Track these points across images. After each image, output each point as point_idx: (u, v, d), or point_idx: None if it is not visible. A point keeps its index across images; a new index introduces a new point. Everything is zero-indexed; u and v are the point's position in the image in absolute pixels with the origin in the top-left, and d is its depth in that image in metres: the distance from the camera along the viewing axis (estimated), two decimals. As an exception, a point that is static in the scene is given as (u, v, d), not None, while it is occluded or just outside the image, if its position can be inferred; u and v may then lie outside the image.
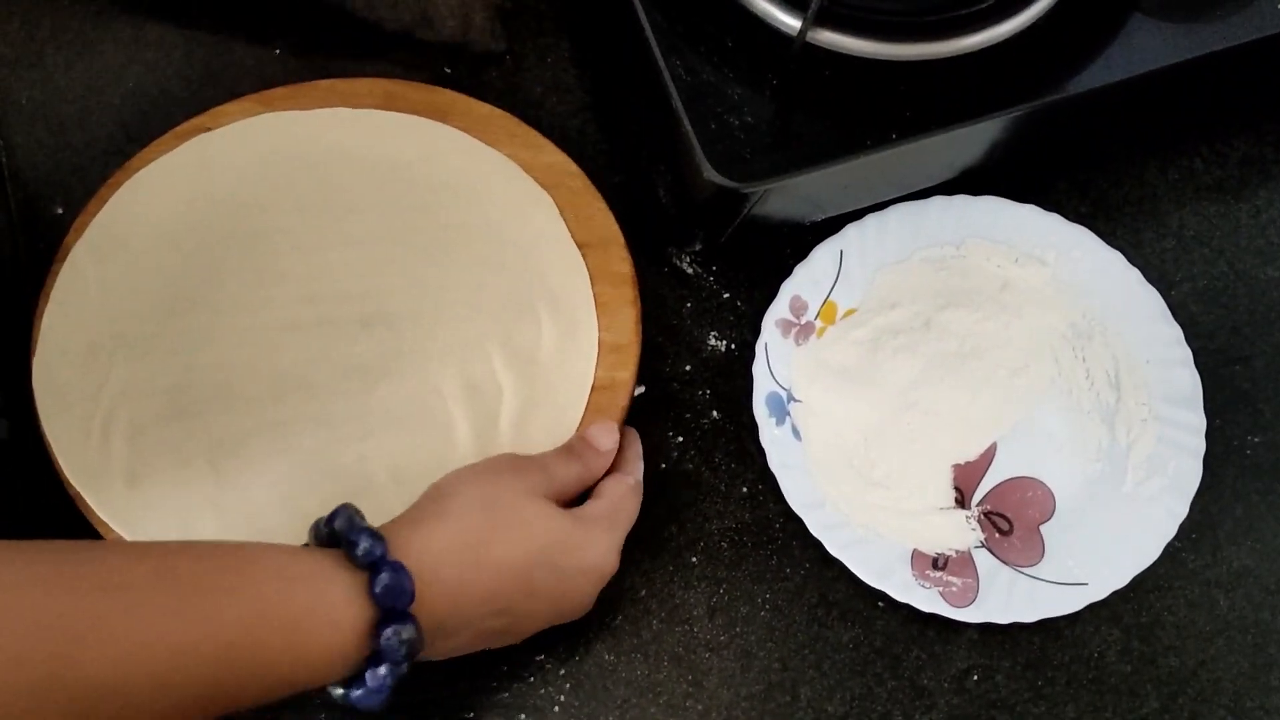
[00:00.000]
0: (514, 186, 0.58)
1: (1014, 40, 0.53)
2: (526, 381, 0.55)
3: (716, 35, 0.53)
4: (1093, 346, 0.58)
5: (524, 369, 0.55)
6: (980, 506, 0.56)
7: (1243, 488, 0.58)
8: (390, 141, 0.59)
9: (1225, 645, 0.56)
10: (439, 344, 0.55)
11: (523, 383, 0.55)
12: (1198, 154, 0.64)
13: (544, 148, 0.59)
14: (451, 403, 0.54)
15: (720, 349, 0.59)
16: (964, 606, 0.53)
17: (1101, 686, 0.55)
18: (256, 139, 0.58)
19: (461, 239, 0.57)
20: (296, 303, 0.56)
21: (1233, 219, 0.63)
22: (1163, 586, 0.57)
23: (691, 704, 0.53)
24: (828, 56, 0.52)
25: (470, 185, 0.58)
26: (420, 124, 0.59)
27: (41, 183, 0.59)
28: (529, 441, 0.54)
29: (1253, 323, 0.61)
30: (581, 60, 0.63)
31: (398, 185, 0.58)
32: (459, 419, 0.54)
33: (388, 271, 0.57)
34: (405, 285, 0.56)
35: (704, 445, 0.58)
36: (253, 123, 0.59)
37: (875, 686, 0.54)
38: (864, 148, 0.52)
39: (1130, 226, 0.63)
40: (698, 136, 0.51)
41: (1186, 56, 0.55)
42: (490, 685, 0.53)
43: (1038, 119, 0.56)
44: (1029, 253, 0.60)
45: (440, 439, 0.54)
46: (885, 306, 0.59)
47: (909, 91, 0.53)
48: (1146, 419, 0.57)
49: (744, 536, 0.56)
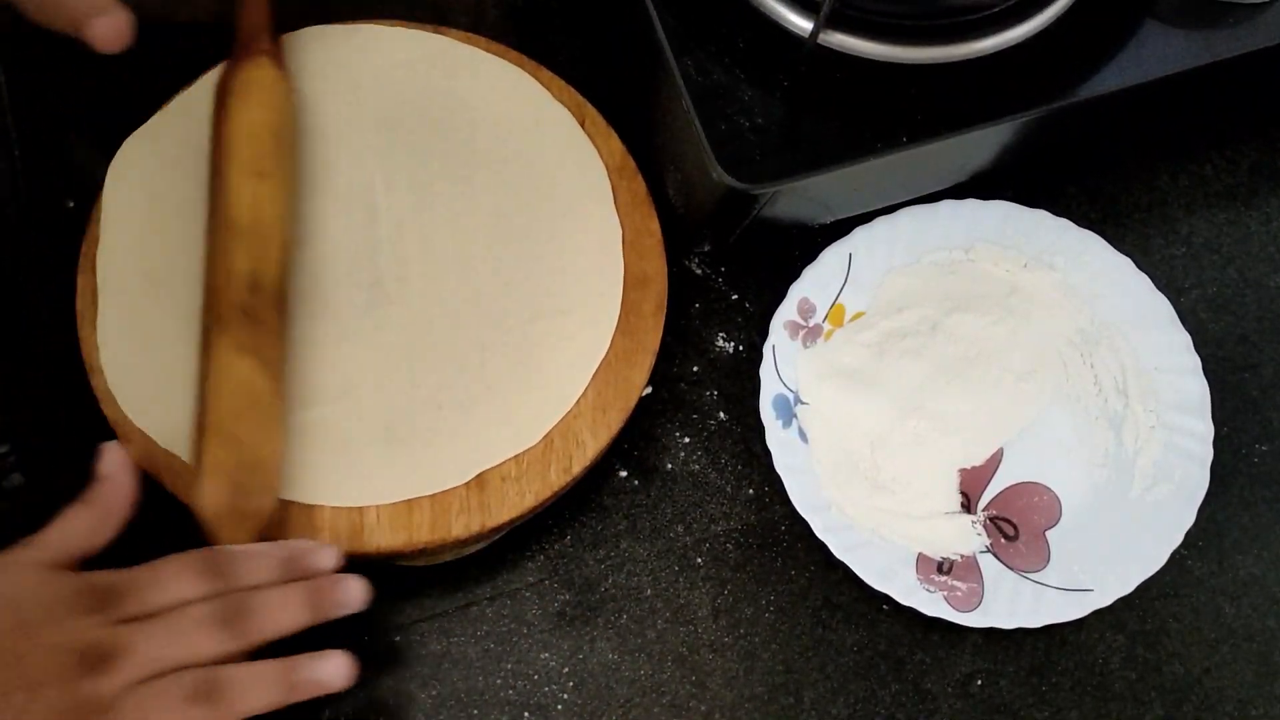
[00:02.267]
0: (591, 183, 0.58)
1: (1026, 44, 0.53)
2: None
3: (728, 36, 0.53)
4: (1101, 352, 0.58)
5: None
6: (986, 511, 0.56)
7: (1250, 496, 0.58)
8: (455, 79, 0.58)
9: (1230, 653, 0.56)
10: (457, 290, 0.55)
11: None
12: (1208, 161, 0.64)
13: (612, 135, 0.59)
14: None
15: (728, 350, 0.59)
16: (968, 611, 0.53)
17: (1106, 693, 0.55)
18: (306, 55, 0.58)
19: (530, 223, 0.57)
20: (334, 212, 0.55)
21: (1243, 226, 0.63)
22: (1168, 594, 0.57)
23: (695, 704, 0.53)
24: (839, 59, 0.52)
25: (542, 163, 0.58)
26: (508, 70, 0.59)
27: (52, 174, 0.59)
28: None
29: (1261, 330, 0.61)
30: (592, 58, 0.63)
31: (459, 126, 0.58)
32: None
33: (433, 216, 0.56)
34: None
35: (711, 446, 0.58)
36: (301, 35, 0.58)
37: (879, 690, 0.54)
38: (874, 150, 0.52)
39: (1140, 233, 0.62)
40: (708, 137, 0.51)
41: (1199, 63, 0.55)
42: (494, 683, 0.53)
43: (1048, 124, 0.56)
44: (1038, 258, 0.59)
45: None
46: (893, 310, 0.59)
47: (920, 95, 0.53)
48: (1154, 426, 0.57)
49: (749, 538, 0.56)
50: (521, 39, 0.63)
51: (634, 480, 0.57)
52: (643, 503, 0.56)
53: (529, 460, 0.52)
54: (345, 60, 0.58)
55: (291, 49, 0.58)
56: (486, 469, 0.52)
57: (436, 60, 0.59)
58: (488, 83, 0.59)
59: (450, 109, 0.58)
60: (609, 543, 0.56)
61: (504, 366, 0.54)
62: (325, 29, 0.59)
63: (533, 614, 0.54)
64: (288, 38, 0.58)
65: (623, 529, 0.56)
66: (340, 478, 0.51)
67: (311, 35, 0.59)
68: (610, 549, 0.56)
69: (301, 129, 0.57)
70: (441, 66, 0.59)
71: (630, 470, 0.57)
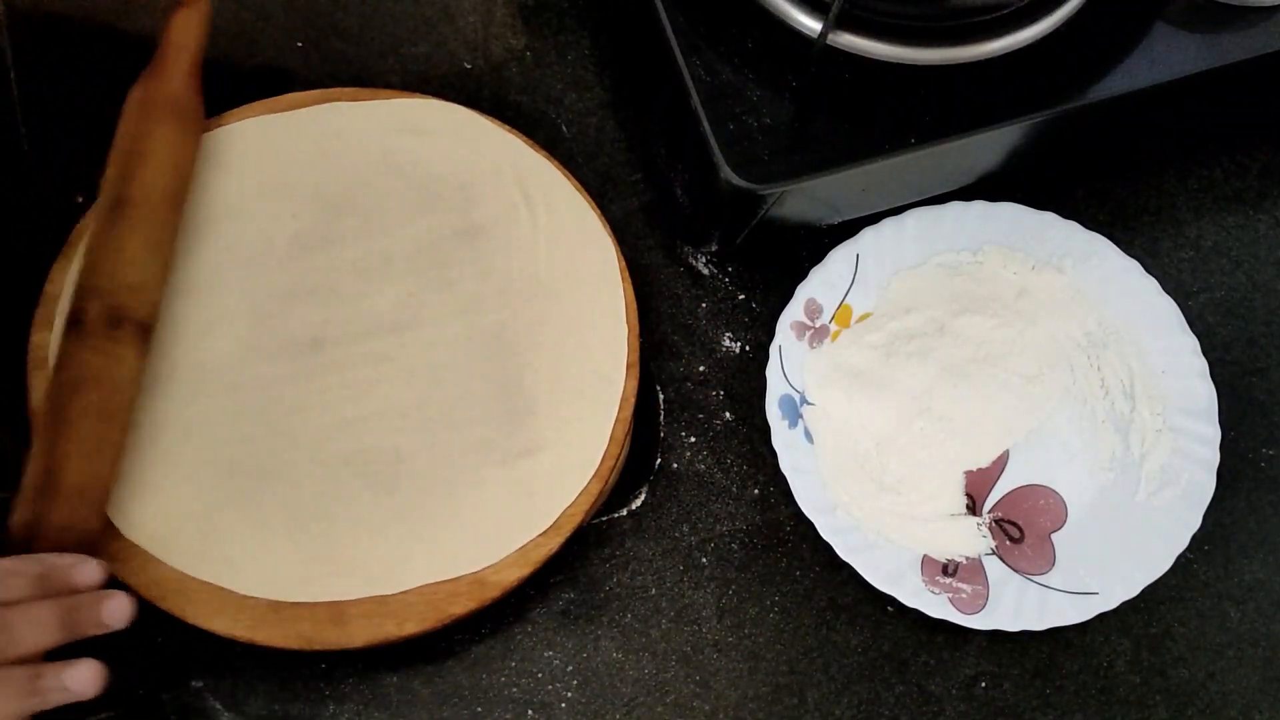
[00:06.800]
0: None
1: (1035, 46, 0.53)
2: None
3: (737, 36, 0.53)
4: (1108, 355, 0.58)
5: None
6: (992, 513, 0.56)
7: (1256, 500, 0.58)
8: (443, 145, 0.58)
9: (1235, 658, 0.56)
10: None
11: None
12: (1218, 164, 0.64)
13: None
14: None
15: (734, 350, 0.59)
16: (973, 613, 0.53)
17: (1110, 696, 0.55)
18: (260, 137, 0.58)
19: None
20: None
21: (1252, 230, 0.63)
22: (1174, 598, 0.56)
23: (699, 704, 0.54)
24: (848, 59, 0.52)
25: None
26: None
27: (60, 169, 0.60)
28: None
29: (1270, 335, 0.61)
30: (601, 58, 0.63)
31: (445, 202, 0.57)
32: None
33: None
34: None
35: (717, 446, 0.58)
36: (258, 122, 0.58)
37: (883, 691, 0.54)
38: (882, 151, 0.52)
39: (1148, 236, 0.62)
40: (716, 137, 0.51)
41: (1208, 66, 0.54)
42: (499, 680, 0.53)
43: (1057, 126, 0.56)
44: (1046, 260, 0.59)
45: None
46: (900, 311, 0.58)
47: (928, 96, 0.53)
48: (1161, 429, 0.57)
49: (754, 538, 0.56)
50: (530, 38, 0.63)
51: (640, 480, 0.57)
52: (648, 502, 0.56)
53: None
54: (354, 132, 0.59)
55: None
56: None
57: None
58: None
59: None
60: (614, 541, 0.56)
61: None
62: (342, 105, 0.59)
63: (537, 612, 0.54)
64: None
65: (628, 528, 0.56)
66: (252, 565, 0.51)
67: (327, 110, 0.59)
68: (615, 548, 0.56)
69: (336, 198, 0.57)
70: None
71: (636, 471, 0.57)
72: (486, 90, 0.62)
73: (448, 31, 0.63)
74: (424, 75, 0.62)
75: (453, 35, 0.63)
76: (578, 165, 0.61)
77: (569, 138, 0.62)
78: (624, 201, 0.61)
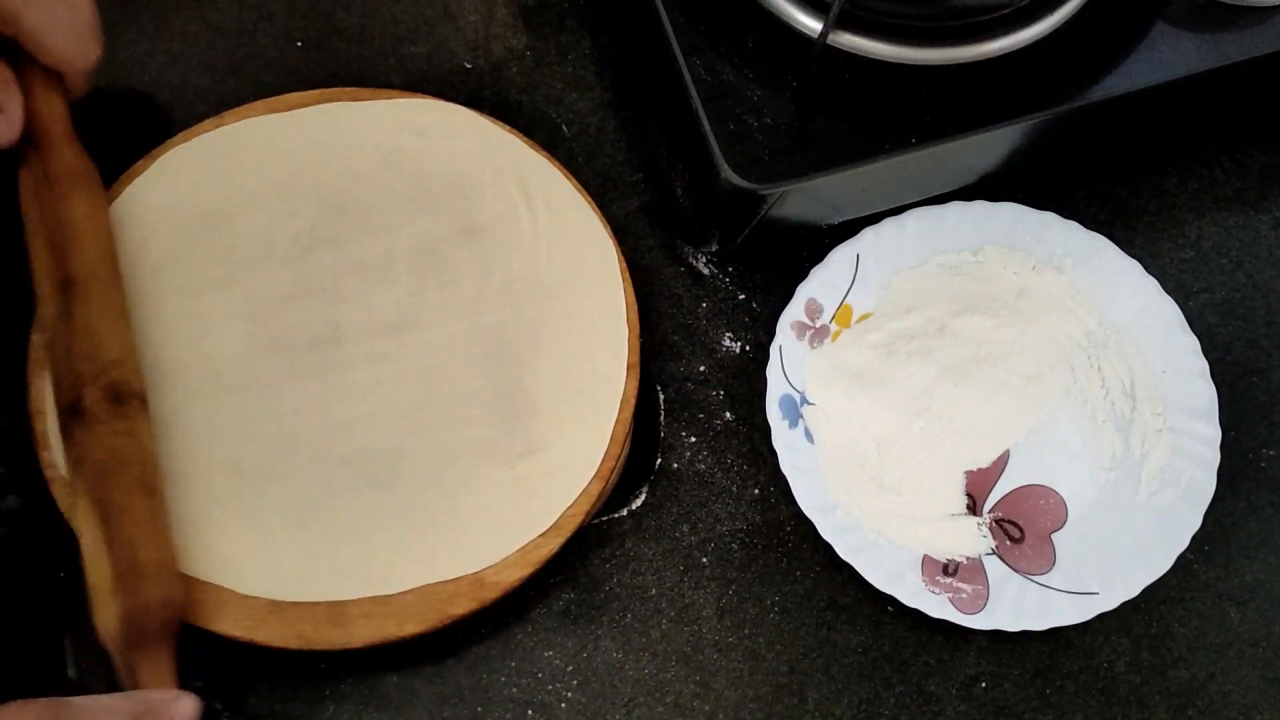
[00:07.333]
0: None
1: (1036, 46, 0.53)
2: None
3: (737, 36, 0.53)
4: (1108, 355, 0.58)
5: None
6: (992, 513, 0.56)
7: (1257, 500, 0.58)
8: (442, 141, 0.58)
9: (1236, 658, 0.56)
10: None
11: None
12: (1218, 164, 0.64)
13: None
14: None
15: (735, 350, 0.59)
16: (973, 613, 0.53)
17: (1110, 697, 0.55)
18: (260, 135, 0.58)
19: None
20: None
21: (1252, 230, 0.63)
22: (1174, 598, 0.56)
23: (699, 704, 0.54)
24: (848, 59, 0.52)
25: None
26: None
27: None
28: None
29: (1270, 335, 0.61)
30: (602, 58, 0.63)
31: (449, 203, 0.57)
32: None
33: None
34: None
35: (717, 446, 0.58)
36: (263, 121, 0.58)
37: (883, 691, 0.54)
38: (883, 151, 0.52)
39: (1149, 236, 0.62)
40: (716, 137, 0.51)
41: (1209, 66, 0.54)
42: (499, 680, 0.53)
43: (1058, 126, 0.55)
44: (1046, 260, 0.59)
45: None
46: (901, 311, 0.58)
47: (929, 96, 0.53)
48: (1161, 429, 0.57)
49: (754, 538, 0.56)
50: (531, 38, 0.63)
51: (640, 480, 0.57)
52: (648, 502, 0.56)
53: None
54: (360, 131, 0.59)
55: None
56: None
57: None
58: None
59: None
60: (614, 541, 0.56)
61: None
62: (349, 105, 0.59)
63: (537, 612, 0.54)
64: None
65: (628, 528, 0.56)
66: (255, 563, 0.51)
67: (329, 110, 0.59)
68: (615, 547, 0.56)
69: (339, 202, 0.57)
70: None
71: (636, 471, 0.57)
72: (487, 90, 0.62)
73: (448, 31, 0.63)
74: (424, 75, 0.62)
75: (453, 35, 0.63)
76: (578, 165, 0.61)
77: (569, 138, 0.62)
78: (624, 201, 0.61)
